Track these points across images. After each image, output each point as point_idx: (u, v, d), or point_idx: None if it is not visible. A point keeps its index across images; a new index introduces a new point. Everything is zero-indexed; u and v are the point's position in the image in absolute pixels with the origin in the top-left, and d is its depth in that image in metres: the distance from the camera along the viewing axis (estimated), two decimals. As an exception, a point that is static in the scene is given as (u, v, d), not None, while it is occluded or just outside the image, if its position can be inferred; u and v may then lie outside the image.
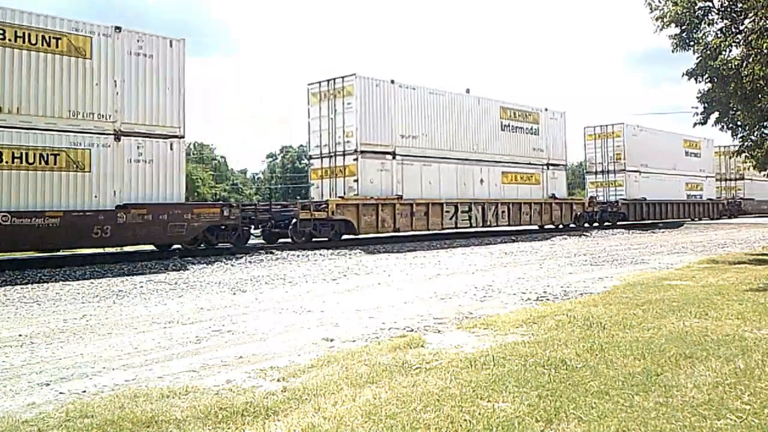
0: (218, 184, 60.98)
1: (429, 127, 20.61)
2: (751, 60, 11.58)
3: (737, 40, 12.72)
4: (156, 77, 14.24)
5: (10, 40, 12.12)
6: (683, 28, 13.14)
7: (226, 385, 4.43)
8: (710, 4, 13.07)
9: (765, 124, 14.36)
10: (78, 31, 13.04)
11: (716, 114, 14.58)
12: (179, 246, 15.42)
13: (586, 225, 28.91)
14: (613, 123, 31.57)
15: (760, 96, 12.42)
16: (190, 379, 4.65)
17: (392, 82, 19.44)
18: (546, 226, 25.85)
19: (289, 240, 17.68)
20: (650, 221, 32.38)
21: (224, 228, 15.91)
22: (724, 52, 12.78)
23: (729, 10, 12.89)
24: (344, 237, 18.78)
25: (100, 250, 14.84)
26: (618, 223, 30.30)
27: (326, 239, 17.94)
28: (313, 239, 17.87)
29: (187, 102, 14.72)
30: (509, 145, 23.84)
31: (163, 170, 14.22)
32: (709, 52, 12.80)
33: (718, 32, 13.13)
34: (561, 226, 26.34)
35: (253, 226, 17.45)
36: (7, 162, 11.96)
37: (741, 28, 12.84)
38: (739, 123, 14.38)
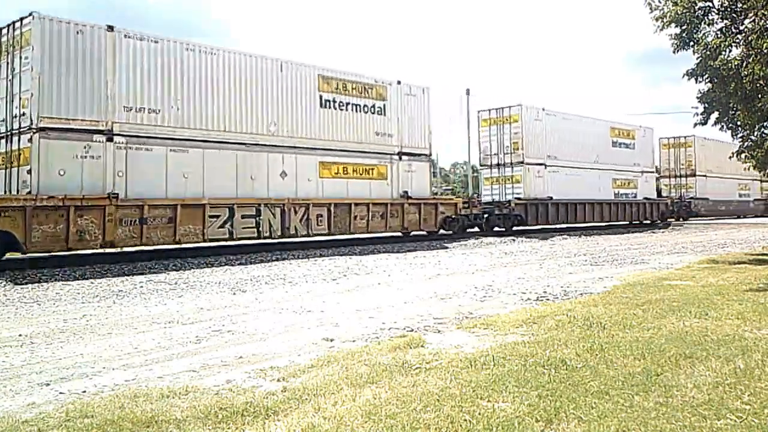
0: None
1: (182, 97, 14.62)
2: (751, 60, 11.58)
3: (737, 40, 12.71)
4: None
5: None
6: (683, 28, 13.14)
7: (226, 385, 4.43)
8: (710, 4, 13.07)
9: (765, 124, 14.36)
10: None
11: (716, 114, 14.58)
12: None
13: (462, 232, 22.77)
14: (510, 105, 25.55)
15: (760, 96, 12.41)
16: (190, 379, 4.66)
17: (110, 29, 13.50)
18: (395, 234, 20.45)
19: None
20: (561, 225, 27.02)
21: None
22: (724, 52, 12.78)
23: (729, 10, 12.89)
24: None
25: (100, 251, 14.82)
26: (514, 228, 24.78)
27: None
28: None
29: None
30: (333, 127, 17.88)
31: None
32: (709, 52, 12.80)
33: (718, 32, 13.13)
34: (426, 233, 21.16)
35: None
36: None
37: (741, 28, 12.84)
38: (739, 123, 14.38)
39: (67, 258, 13.62)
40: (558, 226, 27.08)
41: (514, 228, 24.84)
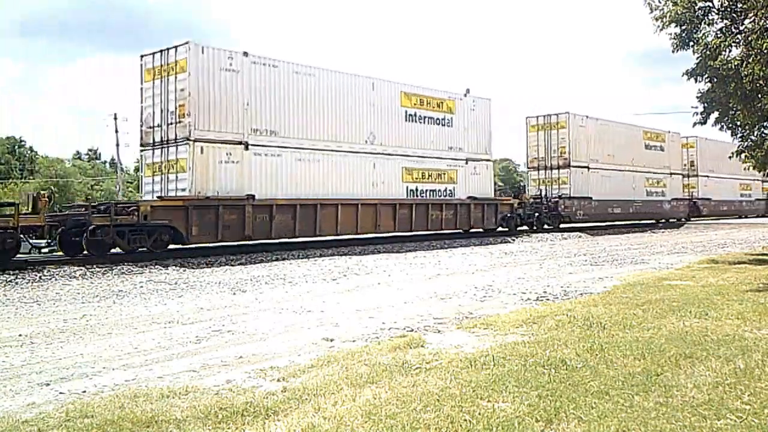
0: None
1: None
2: (751, 60, 11.57)
3: (737, 40, 12.70)
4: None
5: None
6: (683, 28, 13.14)
7: (226, 385, 4.43)
8: (710, 4, 13.06)
9: (765, 124, 14.35)
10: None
11: (716, 114, 14.57)
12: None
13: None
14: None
15: (760, 96, 12.40)
16: (190, 379, 4.65)
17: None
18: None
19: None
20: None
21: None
22: (724, 52, 12.77)
23: (729, 10, 12.88)
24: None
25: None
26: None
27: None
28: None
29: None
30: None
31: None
32: (709, 52, 12.79)
33: (718, 32, 13.12)
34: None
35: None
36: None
37: (741, 28, 12.83)
38: (738, 123, 14.37)
39: (67, 258, 13.63)
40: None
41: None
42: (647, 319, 6.45)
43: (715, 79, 13.20)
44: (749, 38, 11.71)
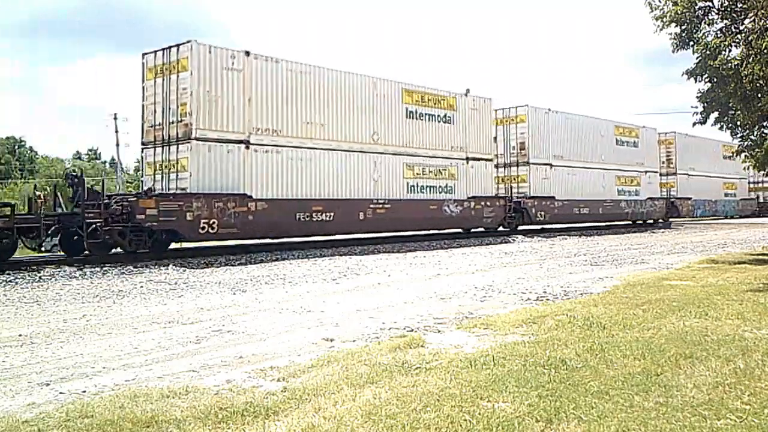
0: None
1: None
2: (751, 60, 11.57)
3: (737, 40, 12.71)
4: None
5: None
6: (683, 27, 13.15)
7: (226, 385, 4.43)
8: (710, 4, 13.07)
9: (765, 124, 14.36)
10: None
11: (716, 114, 14.59)
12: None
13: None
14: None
15: (759, 96, 12.41)
16: (190, 379, 4.65)
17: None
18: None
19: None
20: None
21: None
22: (724, 52, 12.78)
23: (729, 10, 12.89)
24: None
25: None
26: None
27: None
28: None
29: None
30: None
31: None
32: (709, 51, 12.81)
33: (718, 32, 13.14)
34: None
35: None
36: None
37: (741, 28, 12.84)
38: (738, 123, 14.38)
39: (67, 258, 13.64)
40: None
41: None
42: (647, 319, 6.45)
43: (715, 79, 13.21)
44: (749, 38, 11.71)
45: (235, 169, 15.33)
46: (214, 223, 14.69)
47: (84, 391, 4.40)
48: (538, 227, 26.58)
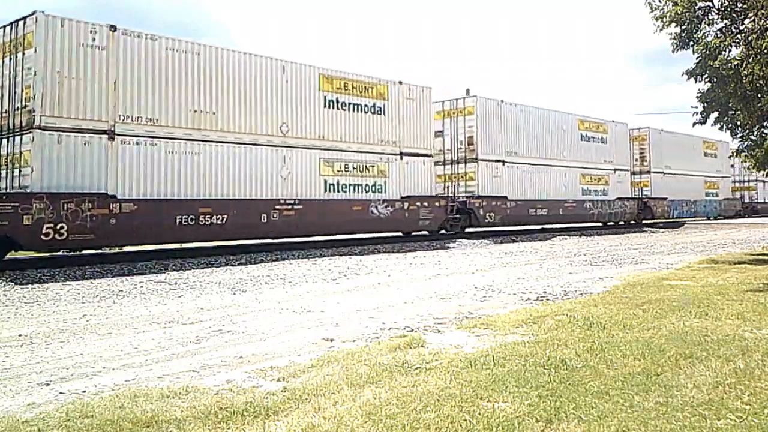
0: None
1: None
2: (751, 60, 11.58)
3: (737, 40, 12.72)
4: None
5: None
6: (683, 27, 13.16)
7: (226, 385, 4.43)
8: (710, 4, 13.08)
9: (765, 124, 14.37)
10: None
11: (716, 114, 14.60)
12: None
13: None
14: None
15: (759, 96, 12.42)
16: (190, 379, 4.66)
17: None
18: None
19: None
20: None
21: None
22: (723, 52, 12.80)
23: (729, 10, 12.90)
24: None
25: (99, 251, 14.82)
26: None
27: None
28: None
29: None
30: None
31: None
32: (709, 52, 12.82)
33: (718, 32, 13.15)
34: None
35: None
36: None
37: (741, 28, 12.85)
38: (738, 123, 14.40)
39: (67, 258, 13.65)
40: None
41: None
42: (647, 319, 6.45)
43: (715, 79, 13.23)
44: (749, 38, 11.73)
45: (95, 165, 12.92)
46: (62, 228, 12.23)
47: (84, 391, 4.40)
48: (488, 230, 24.14)
